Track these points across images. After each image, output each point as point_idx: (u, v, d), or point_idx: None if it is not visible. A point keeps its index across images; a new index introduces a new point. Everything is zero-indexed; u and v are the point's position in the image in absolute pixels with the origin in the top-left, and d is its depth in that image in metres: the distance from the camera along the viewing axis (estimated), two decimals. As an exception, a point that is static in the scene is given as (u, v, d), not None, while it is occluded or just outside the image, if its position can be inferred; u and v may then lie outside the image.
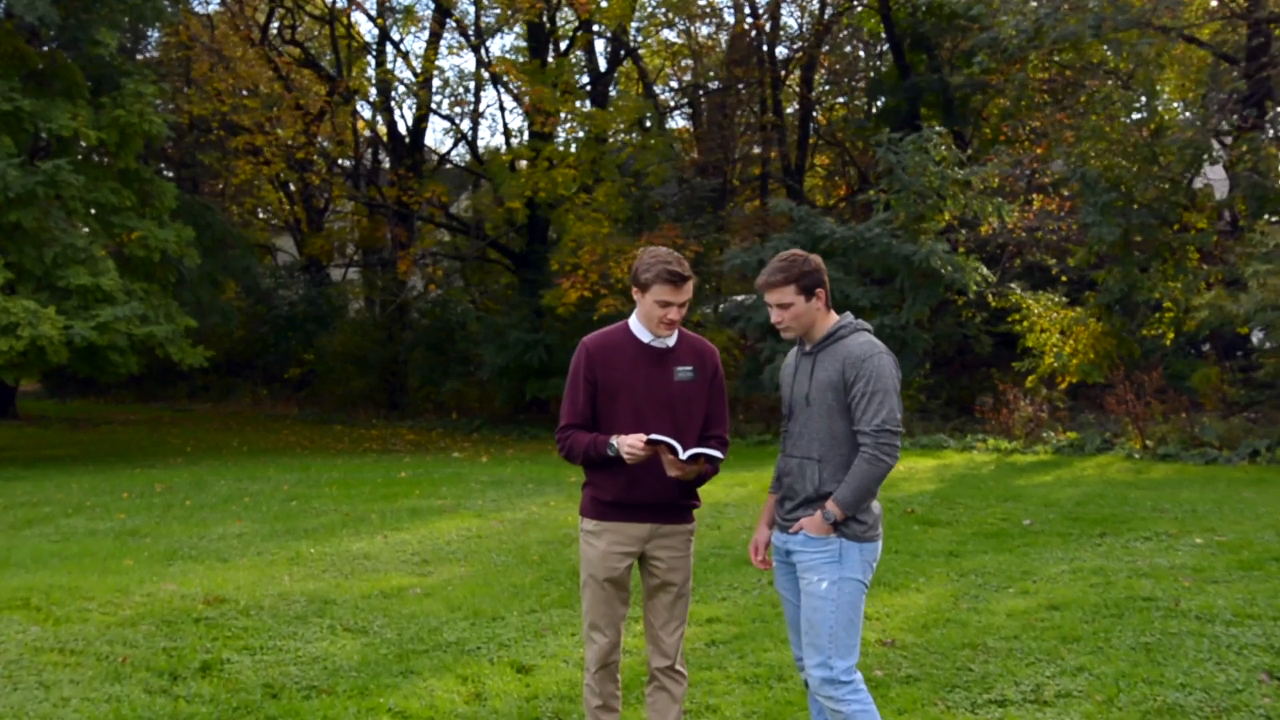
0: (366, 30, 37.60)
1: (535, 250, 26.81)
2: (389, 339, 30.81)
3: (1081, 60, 24.33)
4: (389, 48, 30.37)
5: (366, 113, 31.79)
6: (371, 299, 33.74)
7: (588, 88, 29.19)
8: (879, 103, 31.07)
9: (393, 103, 30.24)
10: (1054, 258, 22.79)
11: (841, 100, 34.71)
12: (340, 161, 32.54)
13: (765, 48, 32.05)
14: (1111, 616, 7.26)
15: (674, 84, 36.20)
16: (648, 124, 28.67)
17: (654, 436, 4.63)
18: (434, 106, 30.22)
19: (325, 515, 12.60)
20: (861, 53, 34.08)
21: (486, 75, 28.39)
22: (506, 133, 32.42)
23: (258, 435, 24.71)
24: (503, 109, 29.66)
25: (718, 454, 4.70)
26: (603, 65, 30.00)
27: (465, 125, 35.88)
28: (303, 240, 35.18)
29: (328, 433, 25.51)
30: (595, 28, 27.06)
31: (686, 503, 4.95)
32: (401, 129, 31.10)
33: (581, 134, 24.83)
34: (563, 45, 28.35)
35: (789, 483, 4.73)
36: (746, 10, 32.07)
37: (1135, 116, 20.58)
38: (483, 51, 29.05)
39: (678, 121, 35.92)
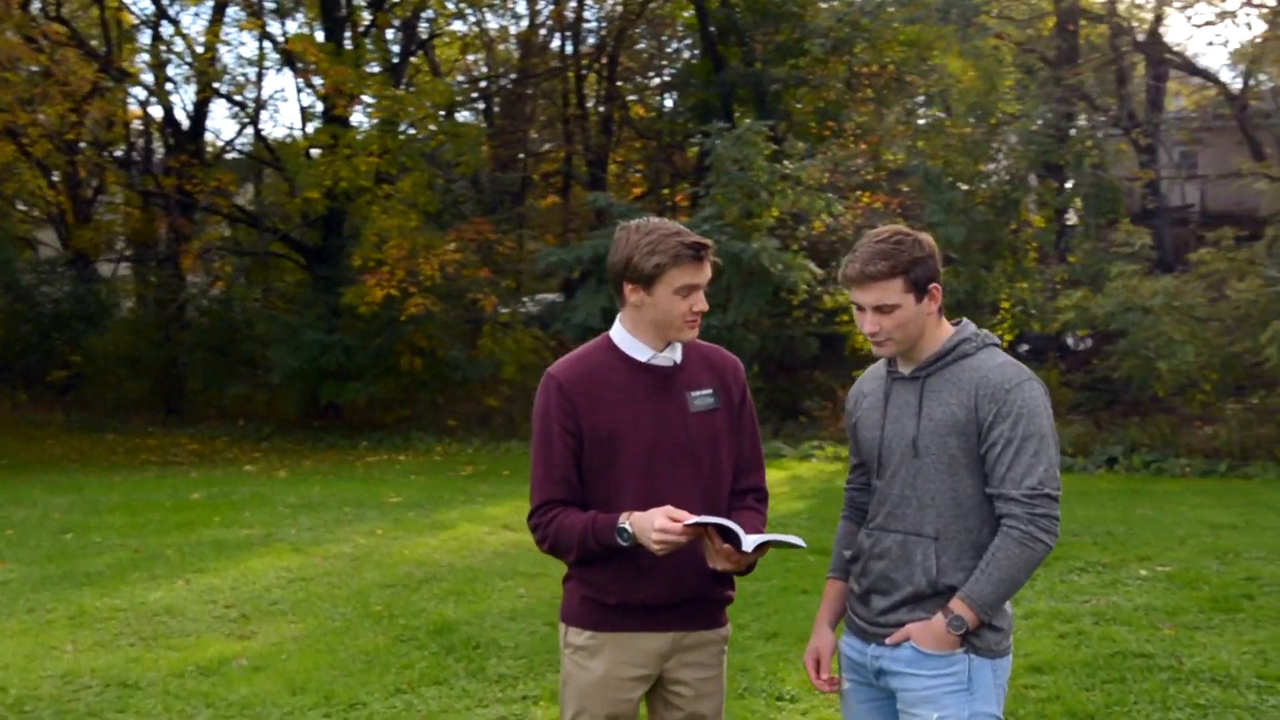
0: (141, 8, 34.64)
1: (331, 245, 24.78)
2: (166, 340, 28.23)
3: (906, 56, 23.74)
4: (166, 25, 27.89)
5: (142, 94, 29.17)
6: (146, 297, 31.05)
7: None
8: (690, 96, 30.04)
9: (170, 85, 27.77)
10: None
11: (651, 93, 33.60)
12: (109, 149, 29.75)
13: (566, 38, 30.83)
14: (1114, 681, 6.08)
15: (465, 77, 34.46)
16: (456, 113, 27.07)
17: (701, 519, 3.16)
18: (217, 89, 27.84)
19: (110, 552, 10.66)
20: (673, 45, 33.03)
21: (278, 55, 26.26)
22: (304, 116, 30.22)
23: (18, 445, 22.06)
24: (299, 91, 27.67)
25: (796, 541, 3.26)
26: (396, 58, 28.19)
27: (256, 110, 33.38)
28: (68, 233, 32.18)
29: (99, 442, 22.98)
30: (386, 8, 25.16)
31: (720, 596, 3.50)
32: (180, 114, 28.62)
33: (383, 120, 22.92)
34: (360, 29, 26.38)
35: (880, 569, 3.31)
36: (541, 2, 30.73)
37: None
38: (274, 30, 26.93)
39: (469, 116, 34.26)
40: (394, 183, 22.23)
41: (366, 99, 22.73)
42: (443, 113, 26.22)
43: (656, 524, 3.13)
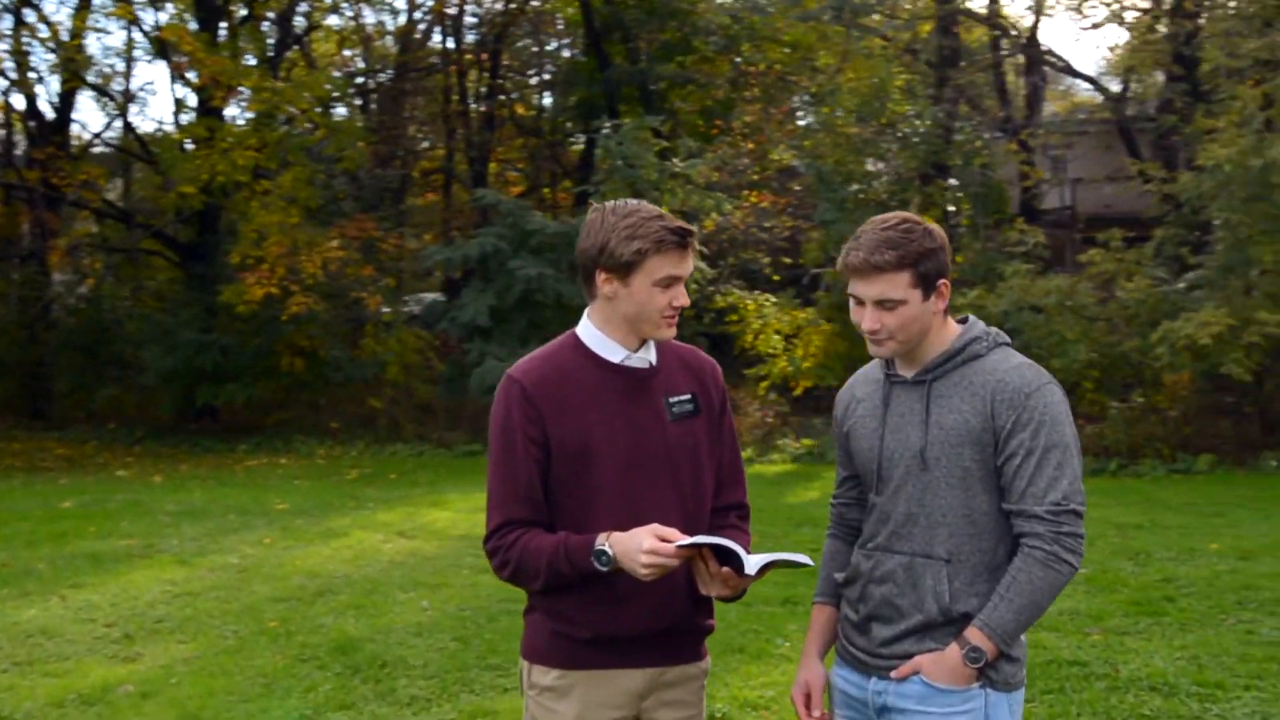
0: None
1: (207, 242, 23.94)
2: (31, 340, 27.08)
3: (791, 58, 23.71)
4: (29, 12, 26.69)
5: (2, 84, 27.92)
6: (9, 295, 29.76)
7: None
8: (574, 93, 29.70)
9: (33, 74, 26.60)
10: (769, 256, 22.04)
11: (530, 91, 33.19)
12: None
13: (447, 34, 30.31)
14: (1053, 692, 5.89)
15: (341, 73, 33.58)
16: (333, 109, 26.33)
17: (696, 540, 2.81)
18: (84, 79, 26.74)
19: (-24, 567, 10.04)
20: (554, 42, 32.65)
21: (149, 45, 25.30)
22: (178, 108, 29.22)
23: None
24: (173, 82, 26.50)
25: (803, 559, 2.92)
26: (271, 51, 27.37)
27: (125, 102, 32.20)
28: (-78, 228, 30.72)
29: (-43, 449, 21.93)
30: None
31: (702, 625, 3.16)
32: (45, 104, 27.46)
33: (261, 113, 22.17)
34: (235, 20, 25.53)
35: (883, 595, 2.99)
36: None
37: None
38: (145, 19, 25.93)
39: (344, 112, 33.40)
40: (273, 178, 21.53)
41: (244, 91, 21.97)
42: (319, 108, 25.54)
43: (645, 545, 2.77)
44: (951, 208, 18.96)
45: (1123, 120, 19.64)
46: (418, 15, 31.00)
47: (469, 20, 30.60)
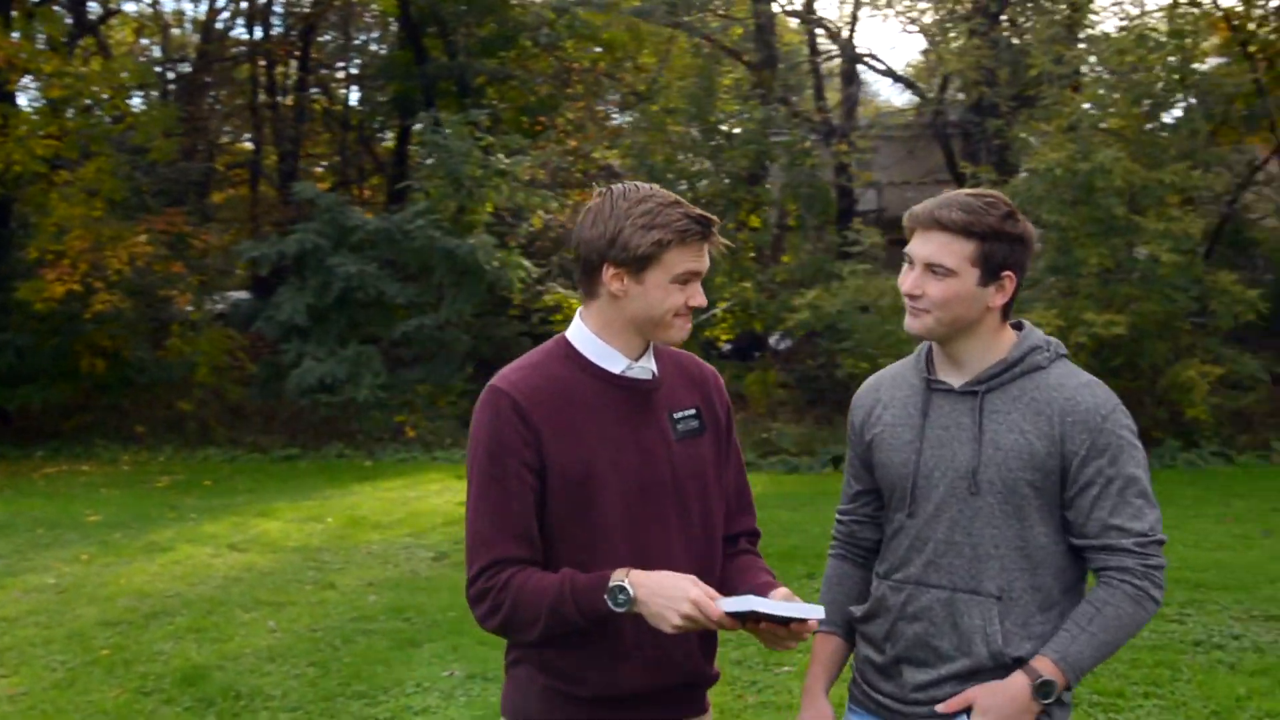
0: None
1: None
2: None
3: (611, 56, 23.54)
4: None
5: None
6: None
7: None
8: (389, 87, 28.95)
9: None
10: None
11: (339, 84, 32.28)
12: None
13: (254, 25, 29.21)
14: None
15: (140, 60, 32.12)
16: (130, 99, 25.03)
17: (748, 607, 2.41)
18: None
19: None
20: (364, 35, 31.78)
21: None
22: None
23: None
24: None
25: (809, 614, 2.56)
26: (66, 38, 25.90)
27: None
28: None
29: None
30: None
31: (710, 675, 2.82)
32: None
33: (60, 100, 20.90)
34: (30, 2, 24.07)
35: (916, 634, 2.70)
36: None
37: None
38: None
39: (139, 103, 31.95)
40: (74, 169, 20.34)
41: (41, 76, 20.69)
42: (126, 97, 24.26)
43: (692, 595, 2.39)
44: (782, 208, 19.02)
45: (939, 124, 19.93)
46: (221, 3, 29.85)
47: (276, 10, 29.62)
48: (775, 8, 22.62)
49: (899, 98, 32.73)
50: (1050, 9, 17.39)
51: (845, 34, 22.92)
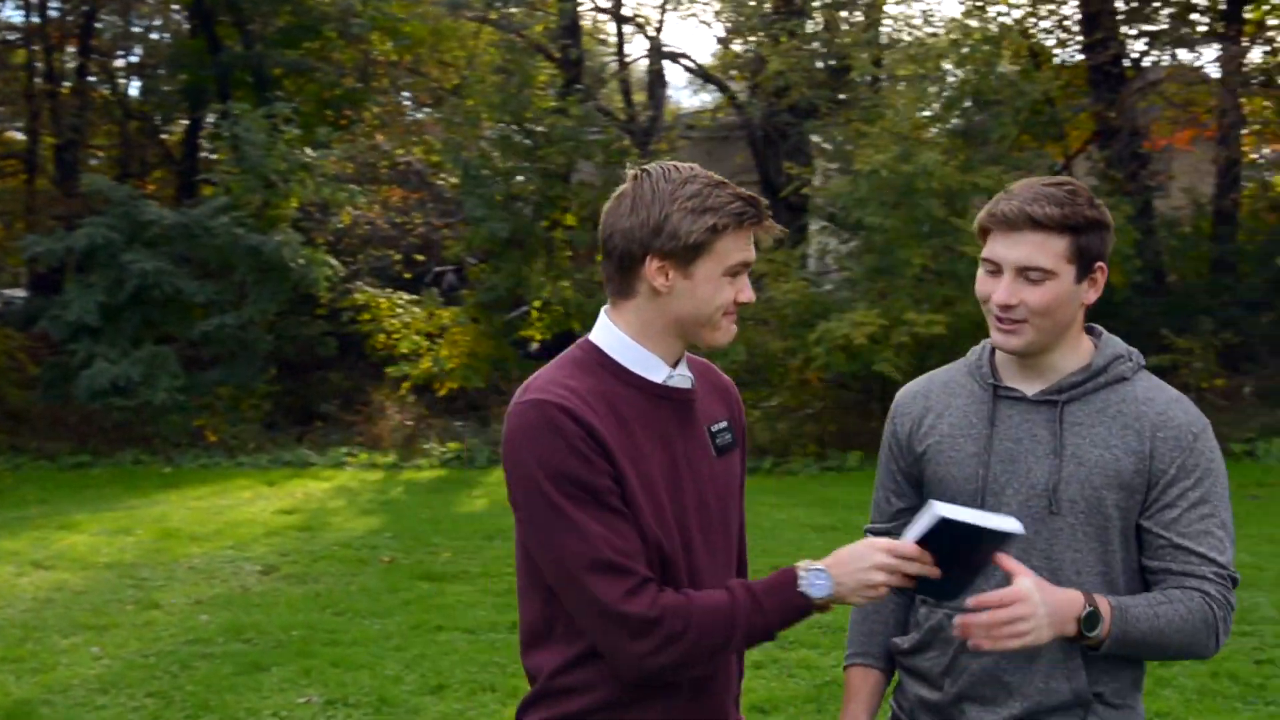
0: None
1: None
2: None
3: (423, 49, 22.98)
4: None
5: None
6: None
7: None
8: (180, 77, 27.67)
9: None
10: (401, 254, 21.24)
11: (119, 73, 30.76)
12: None
13: (31, 9, 27.63)
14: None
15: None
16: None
17: (934, 518, 2.17)
18: None
19: None
20: (147, 22, 30.35)
21: None
22: None
23: None
24: None
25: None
26: None
27: None
28: None
29: None
30: None
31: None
32: None
33: None
34: None
35: (984, 669, 2.43)
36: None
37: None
38: None
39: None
40: None
41: None
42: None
43: (877, 545, 2.19)
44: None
45: (753, 125, 19.97)
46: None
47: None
48: (586, 3, 22.47)
49: (692, 99, 32.83)
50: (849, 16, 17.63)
51: (654, 31, 22.88)
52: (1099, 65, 19.58)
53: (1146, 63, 21.38)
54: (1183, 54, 21.45)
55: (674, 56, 22.91)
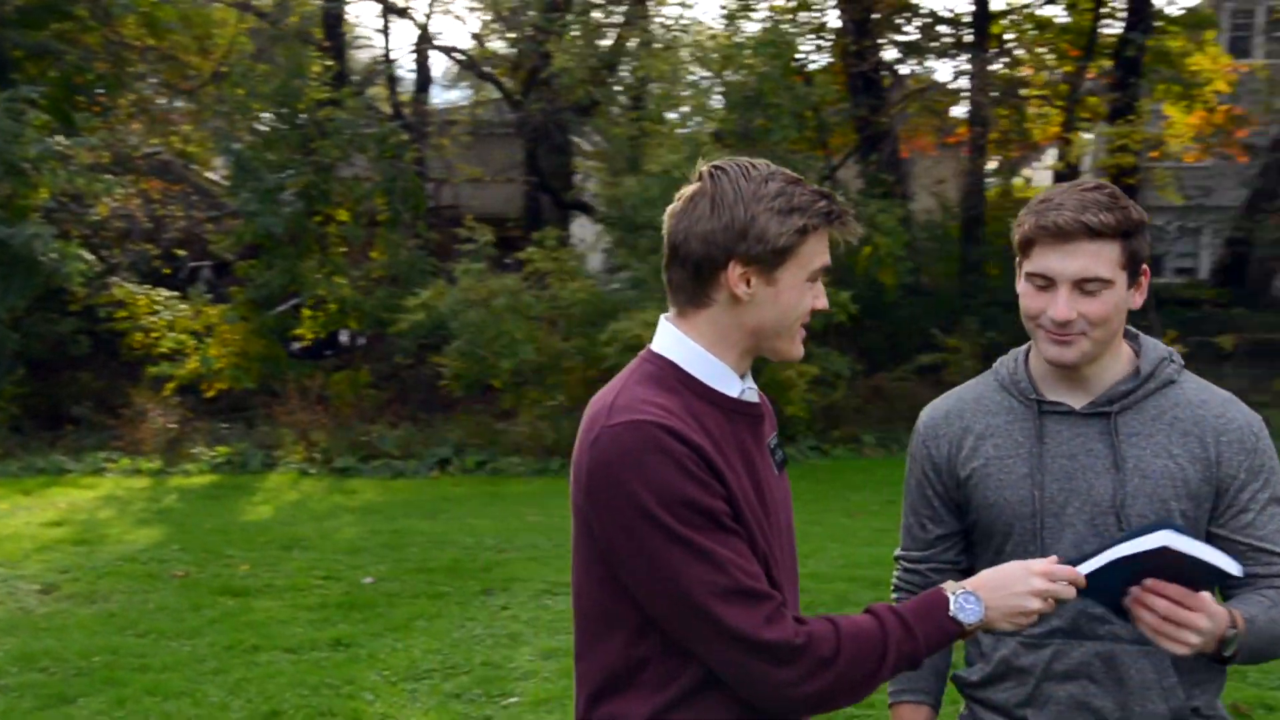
0: None
1: None
2: None
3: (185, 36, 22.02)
4: None
5: None
6: None
7: None
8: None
9: None
10: (159, 248, 20.29)
11: None
12: None
13: None
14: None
15: None
16: None
17: (1124, 553, 2.11)
18: None
19: None
20: None
21: None
22: None
23: None
24: None
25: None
26: None
27: None
28: None
29: None
30: None
31: None
32: None
33: None
34: None
35: (1070, 696, 2.37)
36: None
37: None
38: None
39: None
40: None
41: None
42: None
43: (1034, 569, 2.09)
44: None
45: (531, 122, 19.83)
46: None
47: None
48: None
49: (452, 93, 32.51)
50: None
51: (422, 23, 22.57)
52: (860, 73, 20.28)
53: (904, 70, 22.29)
54: (938, 65, 22.43)
55: (447, 50, 22.55)
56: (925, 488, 2.60)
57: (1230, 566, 2.15)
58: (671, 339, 2.20)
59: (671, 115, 15.74)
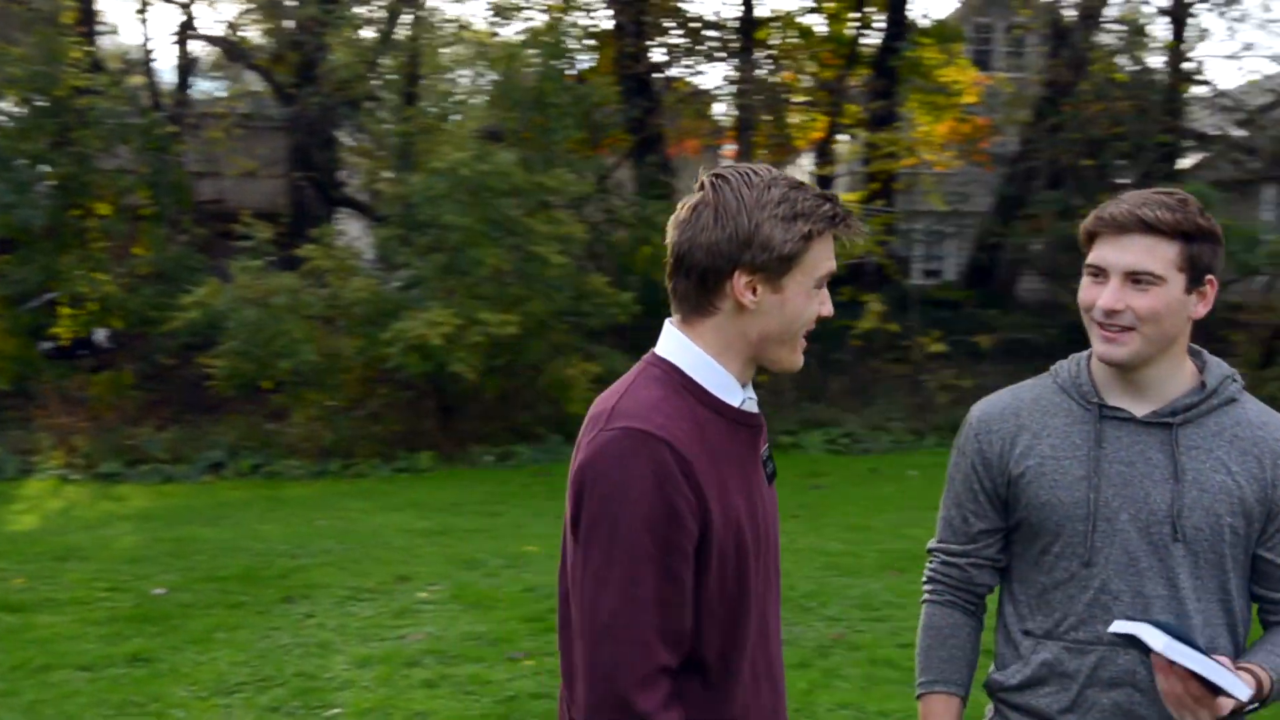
0: None
1: None
2: None
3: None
4: None
5: None
6: None
7: None
8: None
9: None
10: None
11: None
12: None
13: None
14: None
15: None
16: None
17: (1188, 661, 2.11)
18: None
19: None
20: None
21: None
22: None
23: None
24: None
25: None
26: None
27: None
28: None
29: None
30: None
31: None
32: None
33: None
34: None
35: (1116, 703, 2.34)
36: None
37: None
38: None
39: None
40: None
41: None
42: None
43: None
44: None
45: (306, 116, 19.29)
46: None
47: None
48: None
49: (211, 85, 31.34)
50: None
51: (184, 4, 21.71)
52: (634, 75, 20.48)
53: (675, 72, 22.63)
54: (707, 69, 22.84)
55: (211, 40, 21.76)
56: (973, 481, 2.56)
57: (1240, 691, 2.15)
58: (677, 344, 2.16)
59: (456, 116, 15.52)
